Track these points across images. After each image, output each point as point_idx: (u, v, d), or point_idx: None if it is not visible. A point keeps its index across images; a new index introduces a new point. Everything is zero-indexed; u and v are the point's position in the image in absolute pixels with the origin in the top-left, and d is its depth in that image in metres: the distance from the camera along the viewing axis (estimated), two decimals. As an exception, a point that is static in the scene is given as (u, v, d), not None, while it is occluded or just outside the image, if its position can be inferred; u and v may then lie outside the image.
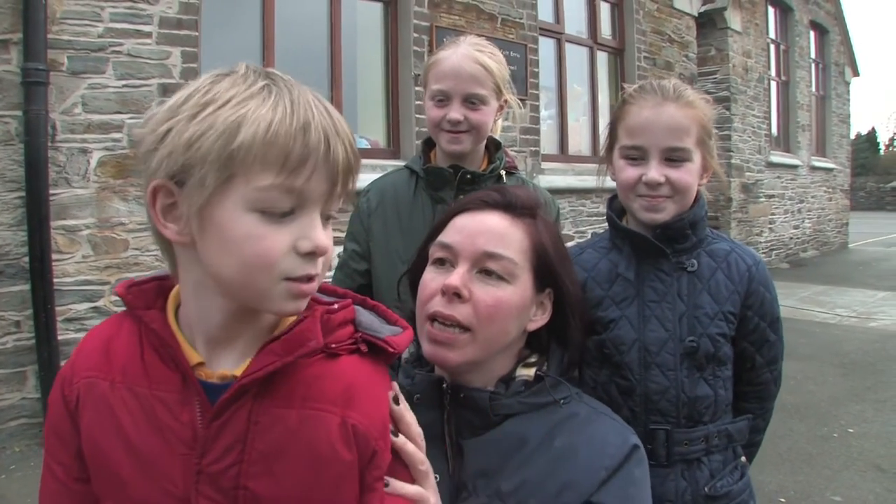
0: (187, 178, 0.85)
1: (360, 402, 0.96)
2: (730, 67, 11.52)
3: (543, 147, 7.79)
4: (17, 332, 4.13)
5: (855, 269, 13.21)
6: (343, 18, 6.05)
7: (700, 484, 1.63)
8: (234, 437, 0.91)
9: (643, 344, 1.64)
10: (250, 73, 0.89)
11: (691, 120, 1.61)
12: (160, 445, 0.92)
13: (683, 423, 1.63)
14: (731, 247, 1.73)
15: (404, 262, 2.00)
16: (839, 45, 16.43)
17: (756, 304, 1.69)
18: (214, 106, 0.85)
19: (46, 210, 4.10)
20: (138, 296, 1.00)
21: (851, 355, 6.79)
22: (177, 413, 0.93)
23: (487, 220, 1.32)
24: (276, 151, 0.84)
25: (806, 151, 14.38)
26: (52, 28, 4.14)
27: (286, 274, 0.88)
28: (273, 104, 0.85)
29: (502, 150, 2.15)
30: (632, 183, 1.63)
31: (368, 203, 2.13)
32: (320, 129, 0.86)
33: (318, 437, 0.93)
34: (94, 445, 0.96)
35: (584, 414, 1.29)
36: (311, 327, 0.93)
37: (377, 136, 6.46)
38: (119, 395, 0.95)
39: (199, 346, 0.96)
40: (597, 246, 1.79)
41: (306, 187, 0.86)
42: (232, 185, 0.85)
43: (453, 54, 1.97)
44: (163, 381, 0.95)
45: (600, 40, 9.01)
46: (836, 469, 4.23)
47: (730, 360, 1.69)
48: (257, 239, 0.86)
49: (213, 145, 0.83)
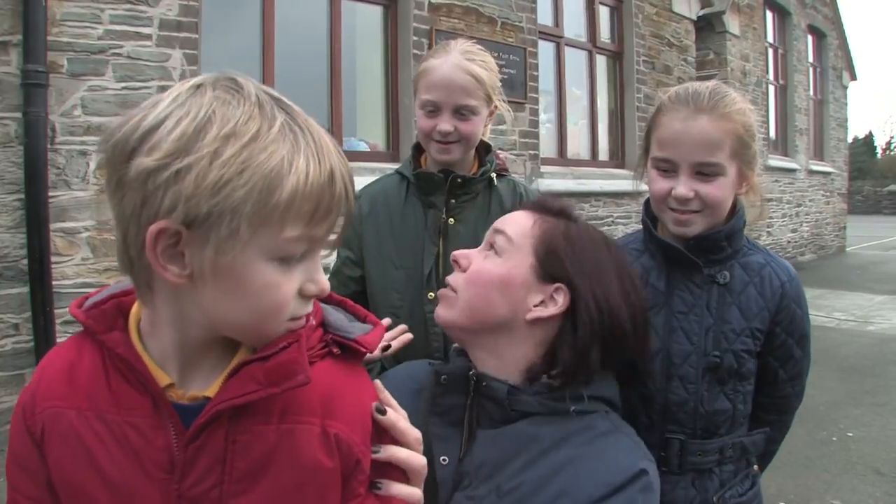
0: (209, 226, 0.79)
1: (341, 410, 0.95)
2: (728, 71, 11.52)
3: (542, 151, 7.78)
4: (16, 335, 4.10)
5: (853, 272, 13.24)
6: (343, 21, 6.04)
7: (709, 493, 1.62)
8: (212, 459, 0.89)
9: (667, 355, 1.62)
10: (261, 98, 0.83)
11: (725, 133, 1.53)
12: (136, 473, 0.89)
13: (699, 434, 1.62)
14: (766, 260, 1.69)
15: (397, 267, 2.01)
16: (837, 50, 16.46)
17: (786, 320, 1.65)
18: (239, 144, 0.78)
19: (46, 212, 4.08)
20: (98, 318, 0.94)
21: (850, 359, 6.81)
22: (151, 438, 0.89)
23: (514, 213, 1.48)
24: (311, 204, 0.83)
25: (804, 155, 14.39)
26: (51, 30, 4.12)
27: (291, 316, 0.89)
28: (305, 152, 0.82)
29: (493, 152, 2.14)
30: (663, 195, 1.60)
31: (360, 209, 2.12)
32: (342, 178, 0.86)
33: (299, 450, 0.91)
34: (65, 479, 0.92)
35: (604, 429, 1.28)
36: (299, 359, 0.89)
37: (377, 140, 6.44)
38: (88, 424, 0.91)
39: (169, 368, 0.92)
40: (630, 247, 1.74)
41: (327, 235, 0.88)
42: (259, 235, 0.81)
43: (444, 63, 1.94)
44: (133, 405, 0.91)
45: (599, 44, 9.01)
46: (835, 473, 4.24)
47: (752, 375, 1.66)
48: (275, 288, 0.85)
49: (250, 196, 0.78)
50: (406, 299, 2.00)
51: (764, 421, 1.74)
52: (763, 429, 1.72)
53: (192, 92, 0.82)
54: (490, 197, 2.06)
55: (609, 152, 9.31)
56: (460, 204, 2.02)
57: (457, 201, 2.02)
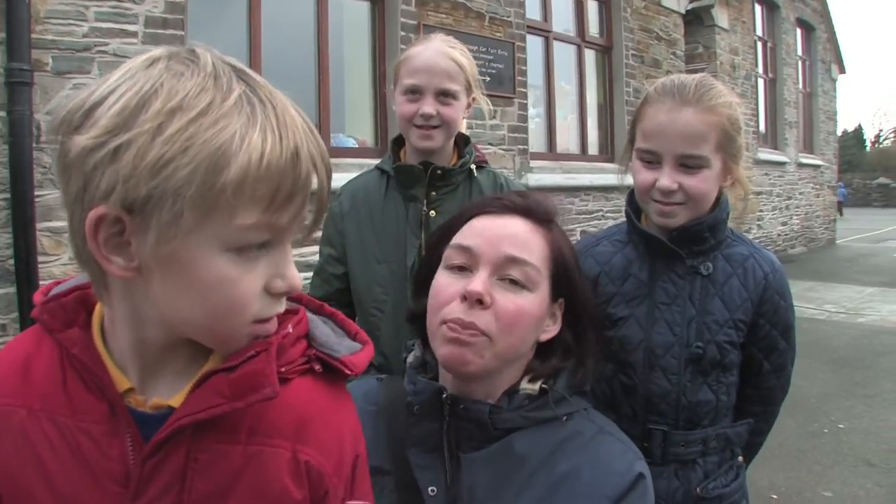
0: (149, 211, 0.71)
1: (314, 435, 0.86)
2: (717, 65, 11.54)
3: (532, 145, 7.77)
4: (3, 336, 4.06)
5: (843, 265, 13.30)
6: (330, 17, 6.02)
7: (692, 484, 1.61)
8: (171, 476, 0.80)
9: (649, 346, 1.62)
10: (218, 68, 0.74)
11: (709, 126, 1.53)
12: (88, 484, 0.81)
13: (682, 425, 1.61)
14: (749, 251, 1.69)
15: (380, 262, 2.01)
16: (825, 43, 16.51)
17: (769, 311, 1.65)
18: (186, 118, 0.69)
19: (32, 212, 4.05)
20: (56, 312, 0.86)
21: (840, 351, 6.83)
22: (105, 447, 0.81)
23: (509, 224, 1.25)
24: (267, 187, 0.72)
25: (793, 148, 14.44)
26: (35, 28, 4.08)
27: (256, 317, 0.79)
28: (261, 127, 0.72)
29: (471, 144, 2.14)
30: (647, 187, 1.59)
31: (341, 206, 2.12)
32: (310, 158, 0.75)
33: (266, 475, 0.83)
34: (10, 483, 0.84)
35: (590, 433, 1.23)
36: (265, 369, 0.80)
37: (365, 136, 6.42)
38: (38, 426, 0.83)
39: (129, 372, 0.83)
40: (612, 238, 1.75)
41: (293, 223, 0.77)
42: (207, 222, 0.72)
43: (426, 49, 1.98)
44: (88, 410, 0.82)
45: (588, 38, 9.00)
46: (826, 465, 4.25)
47: (736, 367, 1.66)
48: (230, 283, 0.75)
49: (193, 177, 0.69)
50: (390, 293, 2.00)
51: (749, 413, 1.74)
52: (746, 420, 1.72)
53: (146, 65, 0.74)
54: (471, 188, 2.06)
55: (598, 146, 9.31)
56: (441, 196, 2.02)
57: (437, 193, 2.02)
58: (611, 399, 1.66)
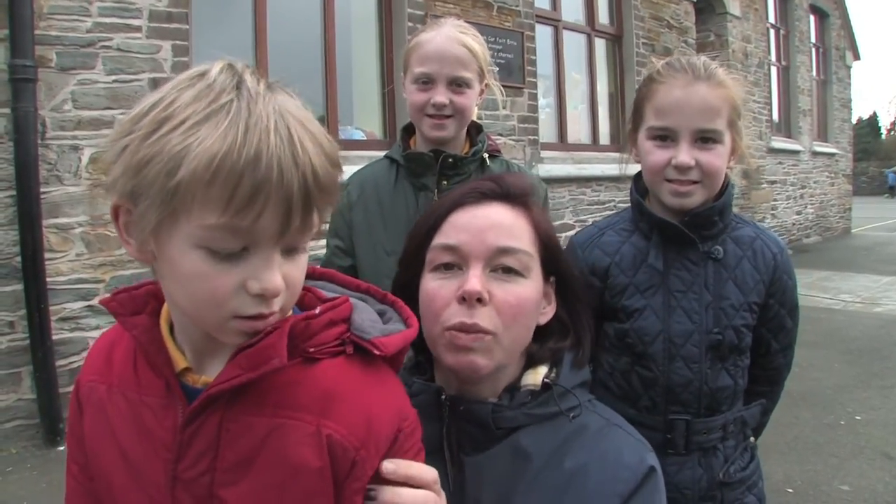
0: (136, 204, 0.81)
1: (339, 410, 0.89)
2: (729, 53, 11.42)
3: (542, 136, 7.73)
4: (11, 333, 4.08)
5: (858, 254, 13.17)
6: (336, 8, 5.98)
7: (715, 470, 1.62)
8: (205, 444, 0.88)
9: (668, 335, 1.60)
10: (221, 81, 0.81)
11: (723, 100, 1.54)
12: (147, 451, 0.92)
13: (703, 413, 1.61)
14: (756, 232, 1.69)
15: (389, 253, 1.95)
16: (839, 29, 16.35)
17: (778, 292, 1.66)
18: (169, 126, 0.77)
19: (38, 208, 4.05)
20: (126, 302, 0.96)
21: (857, 341, 6.74)
22: (161, 418, 0.91)
23: (491, 213, 1.20)
24: (218, 190, 0.76)
25: (807, 136, 14.32)
26: (39, 24, 4.07)
27: (236, 312, 0.83)
28: (224, 131, 0.76)
29: (484, 132, 2.09)
30: (660, 166, 1.57)
31: (349, 196, 2.07)
32: (273, 162, 0.77)
33: (287, 447, 0.87)
34: (92, 449, 0.98)
35: (596, 426, 1.19)
36: (276, 343, 0.86)
37: (373, 128, 6.40)
38: (114, 401, 0.96)
39: (187, 353, 0.94)
40: (617, 227, 1.73)
41: (255, 227, 0.79)
42: (177, 219, 0.79)
43: (437, 35, 1.92)
44: (150, 386, 0.94)
45: (598, 27, 8.94)
46: (843, 458, 4.18)
47: (749, 349, 1.66)
48: (204, 278, 0.81)
49: (157, 178, 0.77)
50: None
51: (758, 393, 1.74)
52: (760, 400, 1.74)
53: (184, 78, 0.83)
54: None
55: (609, 136, 9.26)
56: (452, 185, 1.95)
57: (448, 182, 1.97)
58: (628, 392, 1.65)
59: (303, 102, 0.86)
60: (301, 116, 0.82)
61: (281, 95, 0.83)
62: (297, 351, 0.89)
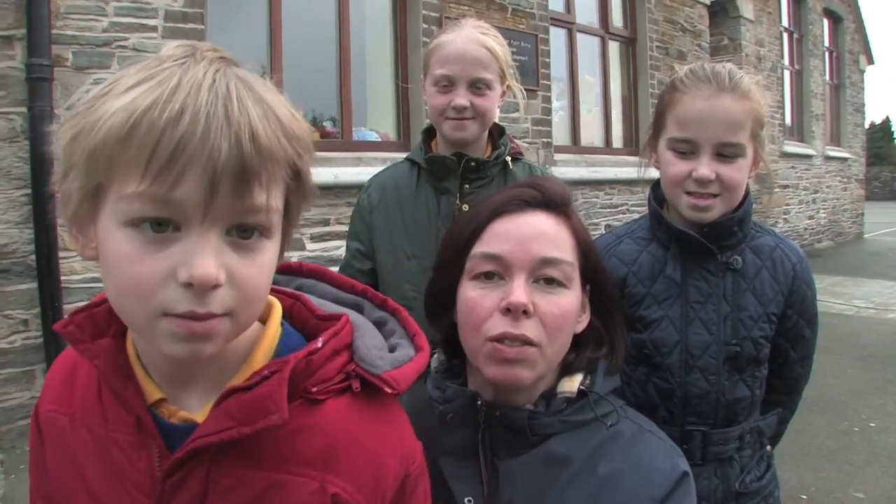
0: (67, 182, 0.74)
1: (346, 463, 0.81)
2: (742, 56, 11.36)
3: (556, 138, 7.71)
4: (25, 331, 4.09)
5: (871, 259, 13.08)
6: (351, 10, 5.98)
7: (731, 480, 1.61)
8: (191, 497, 0.78)
9: (686, 347, 1.59)
10: (171, 54, 0.73)
11: (746, 113, 1.51)
12: (118, 492, 0.81)
13: (720, 423, 1.60)
14: (775, 242, 1.66)
15: (410, 257, 1.93)
16: (853, 33, 16.26)
17: (797, 302, 1.64)
18: (108, 97, 0.70)
19: (53, 207, 4.03)
20: (84, 323, 0.84)
21: (870, 347, 6.70)
22: (133, 459, 0.81)
23: (534, 221, 1.18)
24: (136, 149, 0.67)
25: (820, 141, 14.24)
26: (56, 23, 4.09)
27: (164, 309, 0.70)
28: (150, 90, 0.68)
29: (506, 135, 2.07)
30: (680, 178, 1.54)
31: (370, 199, 2.06)
32: (200, 117, 0.67)
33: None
34: (56, 485, 0.87)
35: (630, 433, 1.19)
36: (275, 392, 0.75)
37: (387, 129, 6.38)
38: (78, 434, 0.85)
39: (156, 378, 0.82)
40: (634, 236, 1.71)
41: (177, 195, 0.68)
42: (106, 195, 0.71)
43: (457, 37, 1.89)
44: (118, 421, 0.82)
45: (612, 30, 8.91)
46: (858, 465, 4.15)
47: (767, 360, 1.65)
48: (129, 261, 0.70)
49: (80, 145, 0.70)
50: (420, 290, 1.91)
51: (775, 402, 1.73)
52: (776, 410, 1.72)
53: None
54: (505, 181, 1.97)
55: (623, 139, 9.22)
56: (474, 189, 1.94)
57: (471, 186, 1.95)
58: (644, 402, 1.62)
59: (286, 94, 0.78)
60: (254, 82, 0.73)
61: (238, 68, 0.75)
62: (297, 392, 0.80)
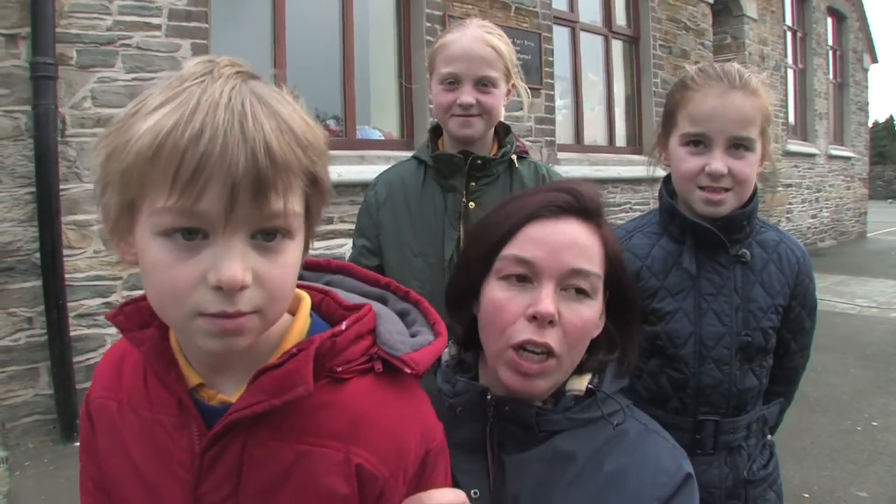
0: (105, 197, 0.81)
1: (369, 436, 0.87)
2: (746, 55, 11.34)
3: (559, 137, 7.71)
4: (30, 329, 4.10)
5: (874, 258, 13.06)
6: (354, 8, 5.99)
7: (740, 469, 1.67)
8: (227, 469, 0.85)
9: (700, 338, 1.64)
10: (192, 72, 0.78)
11: (757, 110, 1.57)
12: (162, 470, 0.89)
13: (731, 413, 1.65)
14: (779, 237, 1.73)
15: (416, 254, 1.95)
16: (857, 32, 16.23)
17: (801, 294, 1.70)
18: (136, 117, 0.76)
19: (57, 205, 4.07)
20: (132, 314, 0.92)
21: (873, 346, 6.69)
22: (175, 437, 0.88)
23: (567, 229, 1.17)
24: (162, 168, 0.73)
25: (823, 140, 14.22)
26: (60, 22, 4.10)
27: (199, 309, 0.77)
28: (172, 111, 0.73)
29: (512, 133, 2.08)
30: (693, 173, 1.60)
31: (377, 196, 2.08)
32: (218, 135, 0.72)
33: (315, 475, 0.85)
34: (106, 467, 0.96)
35: (635, 432, 1.20)
36: (301, 367, 0.82)
37: (391, 128, 6.40)
38: (125, 418, 0.93)
39: (196, 367, 0.90)
40: (645, 230, 1.75)
41: (202, 207, 0.74)
42: (140, 209, 0.78)
43: (462, 36, 1.91)
44: (162, 403, 0.90)
45: (615, 28, 8.91)
46: (860, 464, 4.15)
47: (773, 350, 1.70)
48: (165, 268, 0.77)
49: (113, 165, 0.76)
50: (426, 287, 1.91)
51: (776, 392, 1.79)
52: (778, 399, 1.79)
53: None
54: (511, 179, 2.00)
55: (626, 138, 9.22)
56: (481, 187, 1.96)
57: (477, 184, 1.96)
58: (657, 394, 1.67)
59: (302, 101, 0.83)
60: (268, 97, 0.78)
61: (255, 82, 0.79)
62: (324, 371, 0.86)
